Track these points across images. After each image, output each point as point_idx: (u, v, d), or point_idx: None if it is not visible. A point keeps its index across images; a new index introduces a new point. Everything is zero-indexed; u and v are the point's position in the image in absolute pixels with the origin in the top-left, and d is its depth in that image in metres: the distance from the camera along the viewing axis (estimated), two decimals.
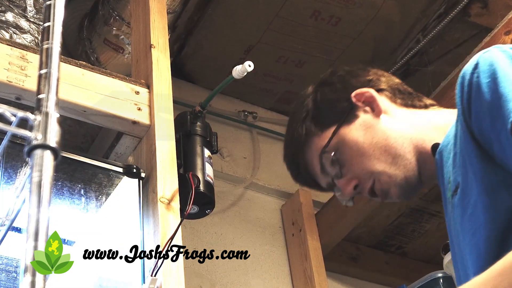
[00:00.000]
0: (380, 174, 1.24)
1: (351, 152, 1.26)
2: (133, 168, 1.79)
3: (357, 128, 1.26)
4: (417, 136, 1.24)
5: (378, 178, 1.24)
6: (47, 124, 0.80)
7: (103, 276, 1.78)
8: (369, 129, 1.26)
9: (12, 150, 1.66)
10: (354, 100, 1.28)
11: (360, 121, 1.27)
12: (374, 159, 1.24)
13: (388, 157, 1.24)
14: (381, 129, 1.25)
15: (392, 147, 1.23)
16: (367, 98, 1.28)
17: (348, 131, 1.26)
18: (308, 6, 2.83)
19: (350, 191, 1.27)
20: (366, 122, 1.27)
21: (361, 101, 1.28)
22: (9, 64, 1.70)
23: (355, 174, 1.26)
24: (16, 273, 1.66)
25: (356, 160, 1.25)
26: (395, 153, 1.23)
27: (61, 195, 1.78)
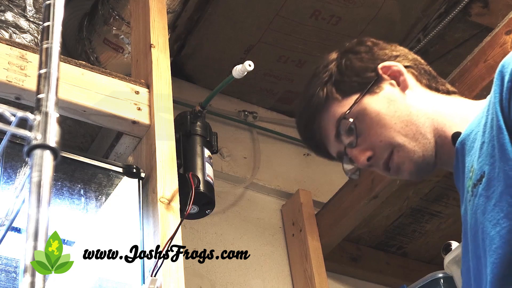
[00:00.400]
0: (399, 147, 1.23)
1: (372, 122, 1.25)
2: (133, 168, 1.78)
3: (381, 100, 1.26)
4: (438, 119, 1.23)
5: (396, 150, 1.24)
6: (47, 124, 0.80)
7: (103, 276, 1.77)
8: (393, 102, 1.25)
9: (11, 150, 1.66)
10: (380, 72, 1.27)
11: (385, 93, 1.26)
12: (395, 131, 1.23)
13: (409, 132, 1.23)
14: (404, 104, 1.25)
15: (414, 123, 1.23)
16: (394, 71, 1.27)
17: (371, 101, 1.26)
18: (309, 6, 2.83)
19: (363, 161, 1.26)
20: (390, 95, 1.26)
21: (387, 74, 1.27)
22: (8, 64, 1.70)
23: (371, 145, 1.25)
24: (15, 273, 1.65)
25: (375, 131, 1.24)
26: (417, 130, 1.23)
27: (60, 195, 1.77)
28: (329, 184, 2.98)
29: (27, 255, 0.73)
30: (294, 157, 3.11)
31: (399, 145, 1.23)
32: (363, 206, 2.65)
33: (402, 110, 1.25)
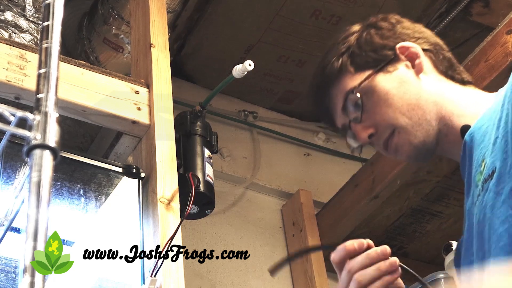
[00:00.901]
0: (401, 128, 1.23)
1: (379, 101, 1.25)
2: (132, 168, 1.78)
3: (393, 79, 1.25)
4: (447, 107, 1.23)
5: (398, 132, 1.24)
6: (46, 123, 0.80)
7: (102, 276, 1.77)
8: (404, 83, 1.25)
9: (11, 150, 1.66)
10: (397, 52, 1.27)
11: (398, 73, 1.26)
12: (400, 113, 1.24)
13: (414, 116, 1.23)
14: (415, 88, 1.25)
15: (421, 108, 1.23)
16: (411, 53, 1.27)
17: (382, 79, 1.25)
18: (309, 5, 2.83)
19: (365, 138, 1.26)
20: (403, 76, 1.26)
21: (404, 54, 1.27)
22: (8, 64, 1.69)
23: (375, 123, 1.25)
24: (15, 274, 1.65)
25: (381, 109, 1.24)
26: (422, 115, 1.23)
27: (60, 195, 1.77)
28: (330, 184, 2.98)
29: (27, 255, 0.73)
30: (294, 157, 3.10)
31: (402, 127, 1.23)
32: (363, 206, 2.64)
33: (411, 93, 1.24)
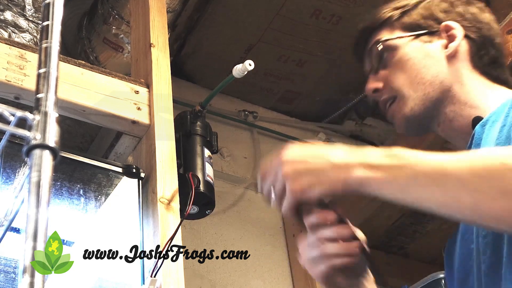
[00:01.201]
0: (402, 97, 1.24)
1: (398, 63, 1.26)
2: (132, 168, 1.78)
3: (421, 50, 1.26)
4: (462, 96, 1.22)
5: (398, 99, 1.25)
6: (46, 123, 0.80)
7: (102, 276, 1.77)
8: (428, 58, 1.25)
9: (10, 150, 1.66)
10: (441, 27, 1.27)
11: (429, 47, 1.26)
12: (409, 83, 1.24)
13: (420, 90, 1.24)
14: (437, 67, 1.25)
15: (432, 87, 1.23)
16: (452, 35, 1.26)
17: (411, 45, 1.26)
18: (309, 5, 2.82)
19: (370, 89, 1.28)
20: (432, 51, 1.26)
21: (446, 33, 1.27)
22: (7, 64, 1.69)
23: (385, 81, 1.27)
24: (14, 274, 1.65)
25: (395, 71, 1.26)
26: (429, 93, 1.23)
27: (60, 195, 1.77)
28: None
29: (26, 255, 0.73)
30: None
31: (403, 96, 1.24)
32: (364, 206, 2.64)
33: (430, 70, 1.24)
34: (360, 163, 0.97)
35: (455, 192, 0.91)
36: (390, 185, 0.95)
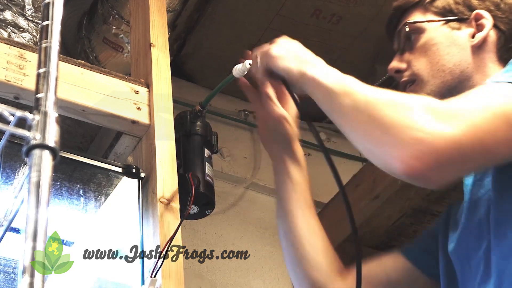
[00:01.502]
0: (421, 82, 1.25)
1: (423, 46, 1.27)
2: (132, 168, 1.77)
3: (448, 36, 1.26)
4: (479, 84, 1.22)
5: (417, 83, 1.25)
6: (46, 123, 0.79)
7: (102, 277, 1.77)
8: (454, 46, 1.25)
9: (10, 150, 1.65)
10: (472, 16, 1.26)
11: (456, 34, 1.26)
12: (430, 68, 1.25)
13: (439, 77, 1.24)
14: (461, 55, 1.25)
15: (452, 75, 1.24)
16: (481, 24, 1.26)
17: (439, 31, 1.26)
18: (309, 5, 2.82)
19: (392, 69, 1.30)
20: (459, 39, 1.26)
21: (476, 22, 1.26)
22: (7, 63, 1.69)
23: (408, 62, 1.27)
24: (14, 274, 1.64)
25: (419, 55, 1.27)
26: (448, 81, 1.24)
27: (59, 195, 1.76)
28: (330, 184, 2.94)
29: (26, 255, 0.72)
30: None
31: (422, 81, 1.25)
32: (364, 206, 2.64)
33: (453, 57, 1.24)
34: (316, 66, 1.23)
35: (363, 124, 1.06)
36: (322, 94, 1.19)
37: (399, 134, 0.99)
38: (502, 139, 0.98)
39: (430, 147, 0.96)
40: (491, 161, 1.01)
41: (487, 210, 1.11)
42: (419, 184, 1.00)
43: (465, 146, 0.96)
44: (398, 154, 0.98)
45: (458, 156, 0.97)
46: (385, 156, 1.01)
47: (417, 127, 0.97)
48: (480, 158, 0.99)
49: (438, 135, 0.97)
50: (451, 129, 0.97)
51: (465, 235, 1.18)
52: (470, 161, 0.99)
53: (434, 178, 0.99)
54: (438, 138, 0.97)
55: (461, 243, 1.20)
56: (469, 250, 1.16)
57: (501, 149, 0.98)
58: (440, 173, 0.98)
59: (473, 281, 1.14)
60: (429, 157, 0.96)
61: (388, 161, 1.00)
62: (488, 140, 0.97)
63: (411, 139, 0.97)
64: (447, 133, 0.96)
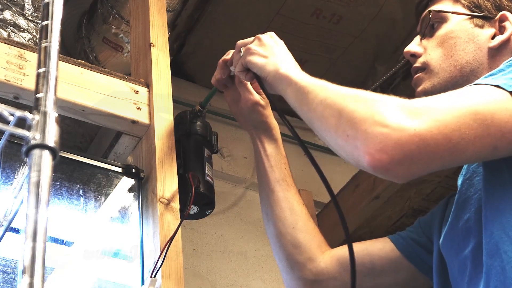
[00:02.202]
0: (430, 72, 1.26)
1: (442, 37, 1.27)
2: (132, 168, 1.77)
3: (469, 33, 1.26)
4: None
5: (426, 71, 1.26)
6: (46, 123, 0.79)
7: (101, 277, 1.76)
8: (472, 43, 1.25)
9: (10, 149, 1.65)
10: (497, 16, 1.26)
11: (477, 32, 1.26)
12: (443, 60, 1.26)
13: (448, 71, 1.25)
14: (476, 54, 1.25)
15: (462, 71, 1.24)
16: (504, 26, 1.26)
17: (461, 24, 1.26)
18: (309, 4, 2.82)
19: (408, 52, 1.32)
20: (478, 37, 1.26)
21: (500, 23, 1.26)
22: (7, 63, 1.68)
23: (426, 49, 1.27)
24: (14, 274, 1.64)
25: (436, 44, 1.28)
26: (456, 76, 1.25)
27: (59, 195, 1.76)
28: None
29: (26, 255, 0.72)
30: (294, 157, 3.09)
31: (432, 72, 1.26)
32: (364, 206, 2.64)
33: (468, 54, 1.25)
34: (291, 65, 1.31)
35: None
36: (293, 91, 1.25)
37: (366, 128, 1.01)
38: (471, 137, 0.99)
39: (396, 141, 0.98)
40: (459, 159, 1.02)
41: (477, 209, 1.12)
42: (386, 178, 1.02)
43: (430, 141, 0.98)
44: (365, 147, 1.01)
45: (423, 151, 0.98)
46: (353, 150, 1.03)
47: (384, 122, 1.00)
48: (447, 155, 0.99)
49: (404, 129, 0.99)
50: (417, 125, 0.99)
51: (452, 232, 1.19)
52: (436, 157, 1.00)
53: (400, 172, 1.00)
54: (404, 132, 0.99)
55: (447, 239, 1.21)
56: (456, 248, 1.17)
57: (469, 147, 0.99)
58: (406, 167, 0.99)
59: (461, 279, 1.15)
60: (394, 151, 0.98)
61: (355, 154, 1.03)
62: (455, 138, 0.98)
63: (378, 133, 1.00)
64: (412, 128, 0.98)
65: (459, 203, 1.18)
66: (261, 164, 1.55)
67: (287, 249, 1.48)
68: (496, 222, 1.06)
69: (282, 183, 1.51)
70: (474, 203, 1.14)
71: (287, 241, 1.48)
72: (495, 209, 1.07)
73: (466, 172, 1.19)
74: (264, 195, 1.53)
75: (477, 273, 1.10)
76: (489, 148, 1.00)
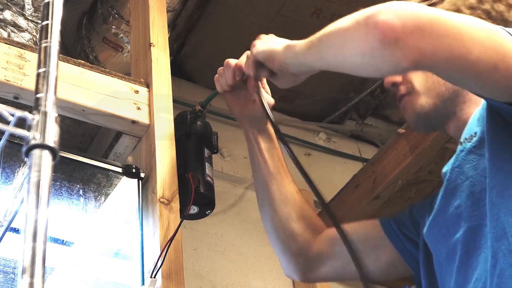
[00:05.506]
0: (417, 93, 1.26)
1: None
2: (132, 168, 1.77)
3: None
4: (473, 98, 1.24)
5: (411, 94, 1.26)
6: (46, 123, 0.79)
7: (101, 277, 1.76)
8: None
9: (10, 150, 1.65)
10: None
11: None
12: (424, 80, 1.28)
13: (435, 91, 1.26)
14: None
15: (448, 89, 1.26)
16: None
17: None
18: (310, 4, 2.82)
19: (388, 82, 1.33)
20: None
21: None
22: (7, 63, 1.68)
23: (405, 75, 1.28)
24: (14, 274, 1.64)
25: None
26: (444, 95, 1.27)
27: (59, 196, 1.76)
28: (330, 184, 2.97)
29: (26, 255, 0.72)
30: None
31: (417, 92, 1.26)
32: (364, 206, 2.63)
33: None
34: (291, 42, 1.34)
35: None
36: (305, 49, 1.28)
37: (374, 17, 1.05)
38: (479, 41, 1.01)
39: (411, 12, 1.01)
40: (463, 60, 1.01)
41: (469, 194, 1.13)
42: (393, 56, 1.00)
43: (443, 23, 1.00)
44: (377, 18, 1.03)
45: (435, 28, 0.99)
46: (366, 32, 1.05)
47: (388, 8, 1.04)
48: (454, 46, 1.00)
49: (413, 11, 1.02)
50: (433, 11, 1.03)
51: (439, 220, 1.21)
52: (444, 43, 0.99)
53: (409, 44, 0.99)
54: (419, 10, 1.02)
55: (434, 228, 1.22)
56: (444, 234, 1.18)
57: (475, 49, 1.00)
58: (416, 40, 0.99)
59: (448, 264, 1.16)
60: (407, 18, 0.99)
61: (368, 34, 1.04)
62: (465, 33, 1.01)
63: (393, 9, 1.03)
64: (428, 11, 1.02)
65: (448, 191, 1.19)
66: (255, 159, 1.58)
67: (282, 240, 1.53)
68: (502, 207, 1.07)
69: (276, 176, 1.55)
70: (466, 189, 1.15)
71: (282, 233, 1.53)
72: (500, 195, 1.08)
73: (455, 161, 1.20)
74: (259, 189, 1.58)
75: (470, 256, 1.12)
76: (490, 65, 1.01)
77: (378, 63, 1.03)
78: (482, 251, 1.10)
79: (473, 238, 1.12)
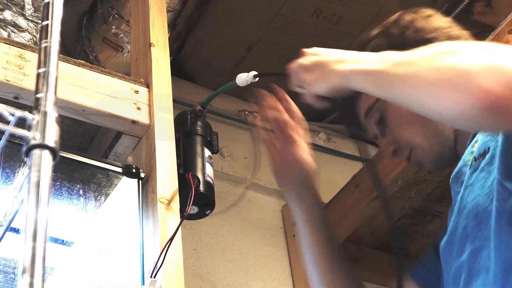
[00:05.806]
0: (417, 146, 1.24)
1: (394, 119, 1.25)
2: (132, 168, 1.77)
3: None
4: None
5: (415, 149, 1.25)
6: (46, 123, 0.79)
7: (102, 277, 1.76)
8: None
9: (10, 150, 1.65)
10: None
11: None
12: (414, 130, 1.24)
13: (427, 132, 1.23)
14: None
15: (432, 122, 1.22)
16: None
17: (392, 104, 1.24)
18: (310, 4, 2.82)
19: (389, 153, 1.29)
20: None
21: None
22: (7, 63, 1.68)
23: (396, 139, 1.26)
24: (14, 274, 1.64)
25: (399, 126, 1.25)
26: (434, 129, 1.23)
27: (59, 196, 1.76)
28: (330, 184, 2.97)
29: (26, 255, 0.72)
30: None
31: (417, 145, 1.24)
32: (364, 206, 2.63)
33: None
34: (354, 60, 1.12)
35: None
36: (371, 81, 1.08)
37: (473, 81, 0.95)
38: None
39: (505, 76, 0.94)
40: None
41: (475, 216, 1.11)
42: (493, 119, 0.95)
43: None
44: (476, 83, 0.94)
45: None
46: (462, 99, 0.95)
47: (486, 71, 0.95)
48: None
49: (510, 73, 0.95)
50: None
51: (450, 241, 1.18)
52: None
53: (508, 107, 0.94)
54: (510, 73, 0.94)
55: (446, 249, 1.19)
56: (454, 256, 1.15)
57: None
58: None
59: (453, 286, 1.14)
60: (507, 84, 0.93)
61: (465, 100, 0.94)
62: None
63: (486, 76, 0.94)
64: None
65: (460, 209, 1.17)
66: (299, 224, 1.48)
67: None
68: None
69: (315, 253, 1.50)
70: (473, 210, 1.13)
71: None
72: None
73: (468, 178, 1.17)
74: (303, 256, 1.52)
75: (471, 279, 1.09)
76: None
77: (472, 124, 1.00)
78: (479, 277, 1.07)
79: (474, 261, 1.09)
